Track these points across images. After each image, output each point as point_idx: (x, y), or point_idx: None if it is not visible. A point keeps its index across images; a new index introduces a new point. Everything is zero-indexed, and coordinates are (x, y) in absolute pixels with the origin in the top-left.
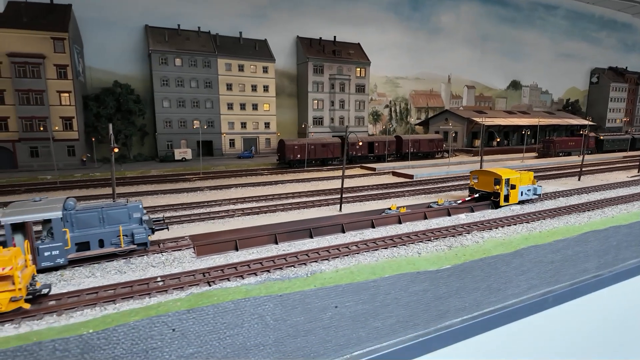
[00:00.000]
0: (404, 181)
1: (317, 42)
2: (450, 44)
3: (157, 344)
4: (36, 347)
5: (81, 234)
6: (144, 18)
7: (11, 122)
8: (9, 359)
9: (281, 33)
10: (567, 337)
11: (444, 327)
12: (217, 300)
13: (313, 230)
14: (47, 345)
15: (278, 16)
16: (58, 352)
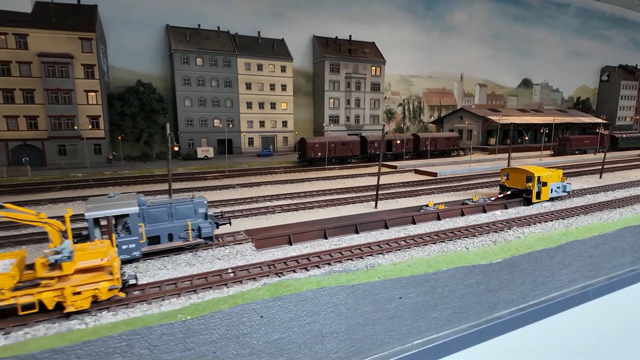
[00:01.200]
0: (429, 179)
1: (333, 41)
2: (462, 42)
3: (247, 330)
4: (146, 331)
5: (153, 228)
6: (164, 18)
7: (40, 120)
8: (123, 342)
9: (297, 32)
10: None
11: (494, 318)
12: (294, 289)
13: (359, 225)
14: (156, 330)
15: (294, 15)
16: (165, 336)
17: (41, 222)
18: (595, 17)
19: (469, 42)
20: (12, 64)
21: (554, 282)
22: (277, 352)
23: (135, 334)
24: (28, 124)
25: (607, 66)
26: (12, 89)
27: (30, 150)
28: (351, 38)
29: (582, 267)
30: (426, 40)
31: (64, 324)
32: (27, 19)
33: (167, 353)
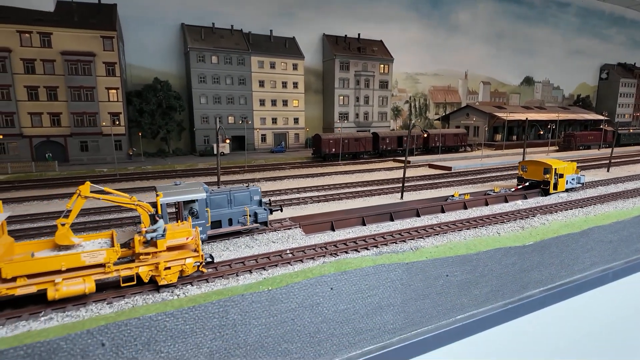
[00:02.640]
0: (444, 172)
1: (342, 40)
2: (467, 41)
3: (320, 300)
4: (239, 298)
5: (215, 213)
6: (179, 16)
7: (63, 117)
8: (221, 308)
9: (307, 31)
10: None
11: (525, 297)
12: (356, 266)
13: (394, 214)
14: (247, 298)
15: (305, 14)
16: (254, 303)
17: (134, 205)
18: (595, 16)
19: (473, 41)
20: (36, 62)
21: (578, 265)
22: (344, 321)
23: (230, 301)
24: (51, 120)
25: (606, 64)
26: (37, 87)
27: (53, 146)
28: (360, 36)
29: (603, 251)
30: (432, 38)
31: (157, 295)
32: (50, 18)
33: (255, 319)
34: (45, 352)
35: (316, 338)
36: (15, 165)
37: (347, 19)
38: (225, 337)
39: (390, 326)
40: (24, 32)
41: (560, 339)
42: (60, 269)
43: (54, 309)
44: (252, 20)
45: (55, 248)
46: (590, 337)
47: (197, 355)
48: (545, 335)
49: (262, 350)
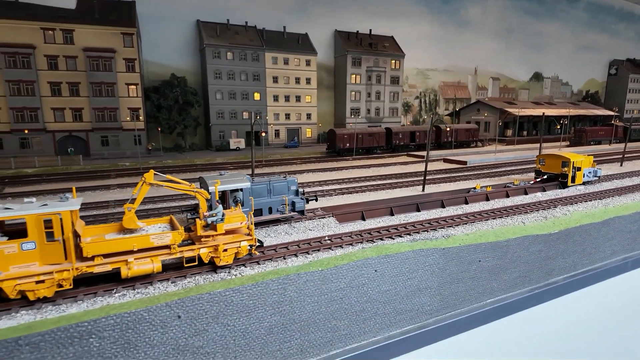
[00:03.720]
0: (459, 167)
1: (354, 36)
2: (477, 36)
3: (365, 281)
4: (296, 277)
5: (257, 202)
6: (194, 13)
7: (85, 112)
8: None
9: (319, 27)
10: None
11: (550, 283)
12: (395, 250)
13: (420, 204)
14: (302, 277)
15: (317, 10)
16: (309, 282)
17: (194, 192)
18: (604, 12)
19: (483, 36)
20: (59, 58)
21: (599, 253)
22: (386, 301)
23: (288, 279)
24: (73, 115)
25: (615, 60)
26: (59, 82)
27: (75, 141)
28: (371, 32)
29: (623, 241)
30: (442, 34)
31: (215, 275)
32: (72, 15)
33: (309, 297)
34: (132, 322)
35: (361, 316)
36: (42, 159)
37: (358, 15)
38: (283, 312)
39: (427, 307)
40: (47, 29)
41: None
42: (132, 249)
43: (124, 287)
44: (266, 17)
45: (120, 231)
46: (610, 322)
47: (259, 328)
48: (568, 320)
49: (314, 326)
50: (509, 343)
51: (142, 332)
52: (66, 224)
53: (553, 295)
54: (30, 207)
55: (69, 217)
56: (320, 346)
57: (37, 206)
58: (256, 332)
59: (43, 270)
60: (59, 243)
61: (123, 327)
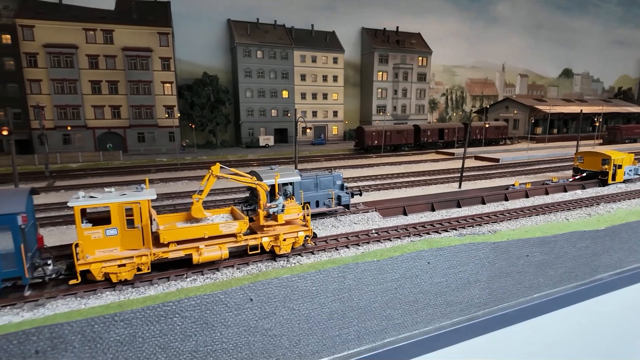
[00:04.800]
0: (491, 164)
1: (381, 33)
2: (505, 32)
3: (418, 272)
4: (354, 266)
5: (305, 195)
6: (225, 12)
7: (123, 110)
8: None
9: (346, 24)
10: None
11: (595, 279)
12: (446, 244)
13: (461, 201)
14: (361, 266)
15: (344, 8)
16: (366, 271)
17: (255, 184)
18: (638, 5)
19: (511, 33)
20: (99, 57)
21: None
22: (438, 293)
23: (347, 268)
24: (112, 113)
25: None
26: (99, 81)
27: (114, 137)
28: (398, 29)
29: None
30: (470, 31)
31: (275, 263)
32: (111, 16)
33: (366, 285)
34: (210, 303)
35: (414, 307)
36: (85, 154)
37: (385, 12)
38: (342, 299)
39: (476, 300)
40: (89, 30)
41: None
42: (203, 236)
43: (194, 272)
44: (295, 15)
45: (188, 220)
46: None
47: (321, 314)
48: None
49: (370, 314)
50: (555, 338)
51: (219, 313)
52: (144, 212)
53: (599, 292)
54: (111, 196)
55: (146, 205)
56: (375, 333)
57: (117, 195)
58: (318, 317)
59: (124, 255)
60: (138, 230)
61: (202, 308)
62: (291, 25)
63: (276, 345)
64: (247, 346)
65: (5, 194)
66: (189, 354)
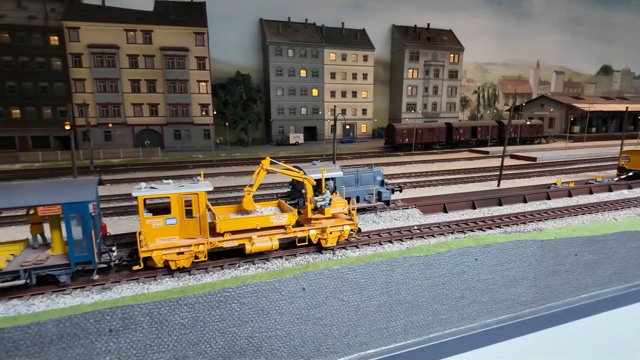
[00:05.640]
0: (528, 163)
1: (412, 30)
2: (540, 28)
3: (465, 269)
4: (402, 260)
5: (346, 191)
6: (257, 12)
7: (160, 108)
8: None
9: (377, 22)
10: None
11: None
12: (492, 241)
13: (502, 199)
14: (408, 260)
15: (374, 5)
16: (414, 266)
17: (302, 178)
18: None
19: (547, 28)
20: (139, 57)
21: None
22: (485, 290)
23: (396, 262)
24: (150, 111)
25: None
26: (139, 80)
27: (151, 134)
28: (429, 26)
29: None
30: (503, 27)
31: (321, 256)
32: (150, 17)
33: (413, 280)
34: (266, 291)
35: (460, 303)
36: (126, 150)
37: (416, 9)
38: (390, 293)
39: (522, 298)
40: (129, 30)
41: None
42: (256, 227)
43: (245, 261)
44: (325, 14)
45: (238, 212)
46: None
47: (369, 306)
48: None
49: (417, 308)
50: (604, 340)
51: (274, 300)
52: (201, 203)
53: None
54: (170, 188)
55: (204, 197)
56: (421, 328)
57: (175, 187)
58: (367, 309)
59: (183, 243)
60: (195, 220)
61: (258, 295)
62: (322, 24)
63: (326, 334)
64: (299, 334)
65: (76, 183)
66: (245, 340)
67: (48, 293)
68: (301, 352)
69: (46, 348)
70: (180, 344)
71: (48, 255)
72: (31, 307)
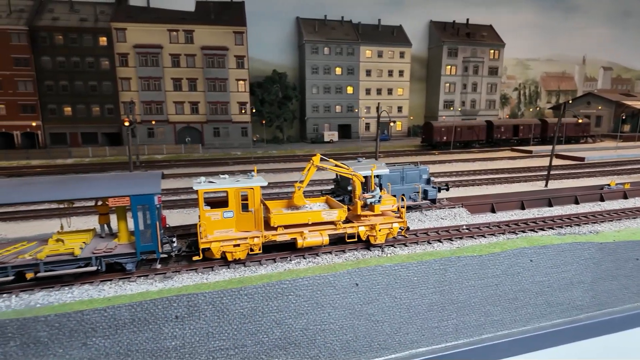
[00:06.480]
0: (576, 163)
1: (450, 26)
2: (586, 22)
3: (519, 270)
4: (456, 260)
5: (391, 188)
6: (294, 10)
7: (201, 106)
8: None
9: (414, 18)
10: None
11: None
12: (548, 242)
13: (552, 199)
14: (462, 260)
15: (412, 2)
16: (467, 265)
17: (351, 175)
18: None
19: (594, 22)
20: (181, 56)
21: None
22: (539, 292)
23: (449, 261)
24: (191, 109)
25: None
26: (180, 79)
27: (192, 131)
28: (468, 22)
29: None
30: (546, 21)
31: (369, 253)
32: (192, 17)
33: (467, 280)
34: (321, 285)
35: (514, 304)
36: (168, 147)
37: (455, 4)
38: (442, 292)
39: (579, 302)
40: (172, 31)
41: None
42: (307, 222)
43: (296, 255)
44: (362, 10)
45: (288, 207)
46: None
47: (421, 304)
48: None
49: (469, 308)
50: None
51: (328, 294)
52: (257, 197)
53: None
54: (227, 182)
55: (259, 191)
56: (473, 328)
57: (231, 181)
58: (418, 308)
59: (239, 236)
60: (251, 213)
61: (314, 288)
62: (358, 21)
63: (378, 330)
64: (352, 329)
65: (142, 177)
66: (300, 331)
67: (115, 280)
68: (353, 347)
69: (119, 331)
70: (239, 333)
71: (116, 244)
72: (102, 292)
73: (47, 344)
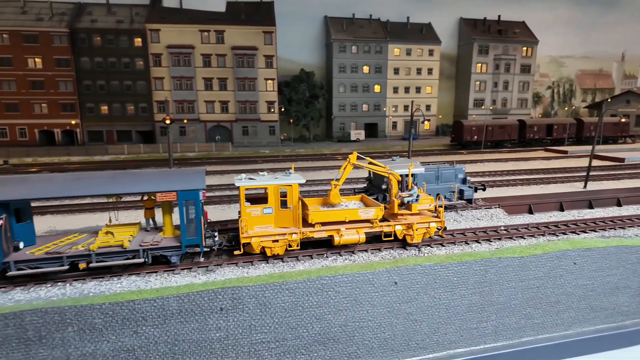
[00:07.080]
0: (615, 164)
1: (481, 23)
2: (626, 16)
3: (562, 272)
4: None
5: (426, 187)
6: (322, 9)
7: (230, 105)
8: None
9: (443, 15)
10: None
11: None
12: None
13: (593, 201)
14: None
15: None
16: (508, 267)
17: (388, 173)
18: None
19: (635, 16)
20: (211, 56)
21: None
22: (582, 296)
23: (489, 262)
24: (221, 107)
25: None
26: (211, 78)
27: (221, 130)
28: (500, 18)
29: None
30: (582, 17)
31: (405, 252)
32: (222, 17)
33: (507, 281)
34: (360, 282)
35: (555, 308)
36: (199, 145)
37: (486, 1)
38: (482, 293)
39: (624, 308)
40: (204, 31)
41: None
42: (344, 220)
43: (332, 252)
44: (390, 8)
45: (324, 205)
46: None
47: (460, 305)
48: None
49: (509, 310)
50: None
51: (366, 292)
52: (295, 194)
53: None
54: (266, 179)
55: (297, 188)
56: (512, 331)
57: (270, 178)
58: (457, 308)
59: (278, 232)
60: (289, 210)
61: (353, 285)
62: (387, 19)
63: (416, 330)
64: (390, 327)
65: (188, 173)
66: (339, 327)
67: (160, 272)
68: (391, 345)
69: (167, 320)
70: (280, 327)
71: (161, 237)
72: (148, 284)
73: (102, 330)
